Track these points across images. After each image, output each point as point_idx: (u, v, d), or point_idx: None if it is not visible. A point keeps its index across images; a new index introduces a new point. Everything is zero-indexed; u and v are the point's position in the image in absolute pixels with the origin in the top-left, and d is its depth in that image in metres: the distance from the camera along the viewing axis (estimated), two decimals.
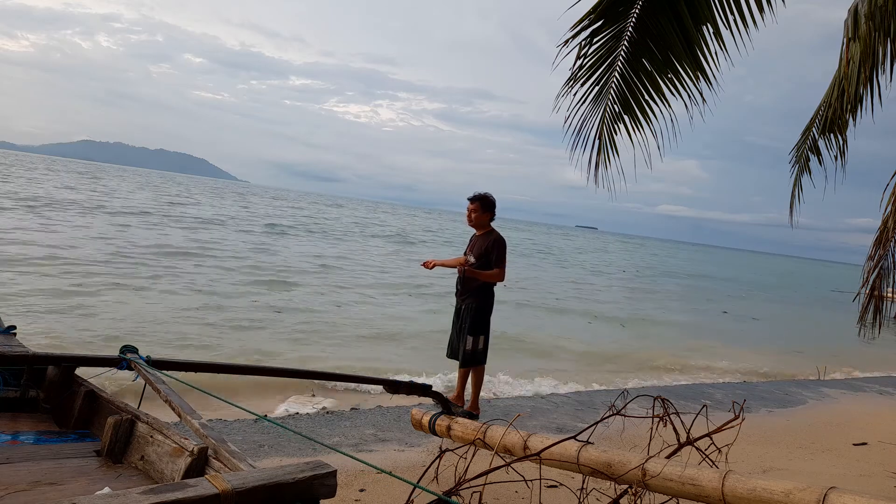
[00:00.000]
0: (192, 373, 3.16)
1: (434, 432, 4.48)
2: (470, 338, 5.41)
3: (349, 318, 11.92)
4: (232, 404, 3.29)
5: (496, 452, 3.63)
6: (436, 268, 5.64)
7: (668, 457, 3.22)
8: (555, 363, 10.07)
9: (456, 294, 5.65)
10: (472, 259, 5.48)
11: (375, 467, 2.27)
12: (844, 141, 5.86)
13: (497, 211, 5.67)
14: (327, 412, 6.05)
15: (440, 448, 4.09)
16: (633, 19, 4.37)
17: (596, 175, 4.74)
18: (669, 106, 4.57)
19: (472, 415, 5.42)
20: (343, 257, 23.28)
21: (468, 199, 5.59)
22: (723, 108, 5.20)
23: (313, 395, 6.50)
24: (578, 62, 4.51)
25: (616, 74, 4.59)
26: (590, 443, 3.36)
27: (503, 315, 10.67)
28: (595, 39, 4.46)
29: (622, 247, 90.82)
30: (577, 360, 10.58)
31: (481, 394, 5.74)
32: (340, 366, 7.98)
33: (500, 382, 7.80)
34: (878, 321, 5.69)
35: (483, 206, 5.52)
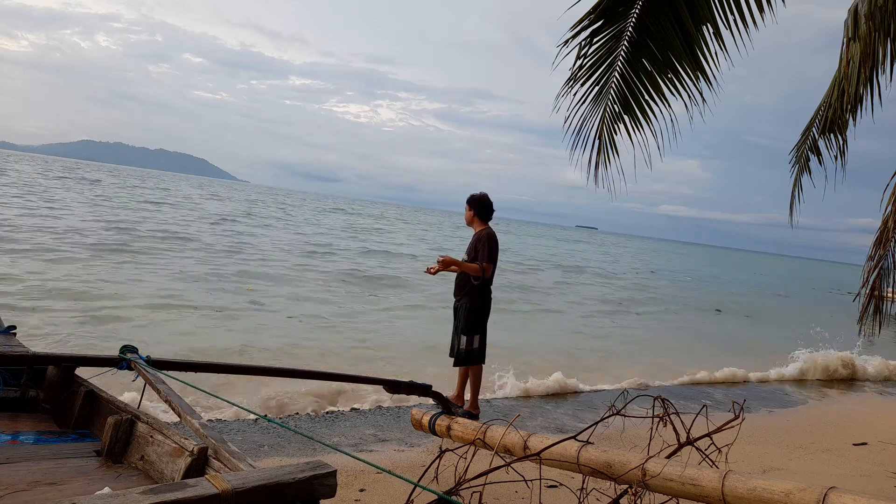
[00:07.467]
0: (193, 373, 3.16)
1: (434, 432, 4.48)
2: (464, 337, 5.43)
3: None
4: (232, 404, 3.30)
5: (496, 452, 3.63)
6: (438, 273, 5.73)
7: (668, 457, 3.22)
8: None
9: (454, 294, 5.68)
10: (465, 258, 5.57)
11: (376, 466, 2.27)
12: (844, 141, 5.87)
13: (496, 211, 5.73)
14: (327, 412, 6.05)
15: (440, 448, 4.09)
16: (633, 19, 4.37)
17: (596, 175, 4.74)
18: (669, 106, 4.57)
19: (472, 415, 5.43)
20: None
21: None
22: (723, 108, 5.22)
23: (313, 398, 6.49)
24: (578, 62, 4.51)
25: (616, 74, 4.59)
26: (590, 443, 3.35)
27: None
28: (595, 39, 4.47)
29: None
30: None
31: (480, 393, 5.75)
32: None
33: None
34: (878, 321, 5.70)
35: (469, 205, 5.68)
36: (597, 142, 4.74)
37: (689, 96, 4.48)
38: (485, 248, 5.42)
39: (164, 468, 1.97)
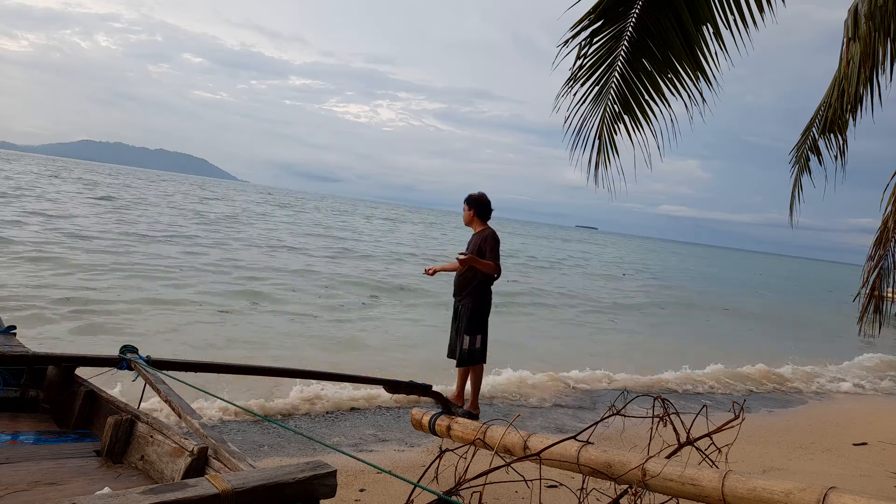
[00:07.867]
0: (193, 373, 3.16)
1: (434, 432, 4.48)
2: (467, 337, 5.43)
3: None
4: (232, 404, 3.30)
5: (496, 452, 3.63)
6: (437, 273, 5.77)
7: (668, 457, 3.22)
8: None
9: (453, 295, 5.68)
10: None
11: (375, 466, 2.27)
12: (844, 141, 5.87)
13: (496, 211, 5.75)
14: (327, 412, 6.05)
15: (440, 448, 4.09)
16: (633, 19, 4.37)
17: (596, 175, 4.74)
18: (669, 106, 4.57)
19: (472, 415, 5.43)
20: None
21: None
22: (723, 108, 5.22)
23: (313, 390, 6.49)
24: (578, 62, 4.51)
25: (616, 74, 4.59)
26: (590, 443, 3.36)
27: None
28: (595, 39, 4.46)
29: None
30: None
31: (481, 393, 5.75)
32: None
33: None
34: (878, 321, 5.70)
35: (468, 205, 5.69)
36: (597, 142, 4.74)
37: (689, 96, 4.48)
38: (492, 247, 5.45)
39: (164, 468, 1.97)
